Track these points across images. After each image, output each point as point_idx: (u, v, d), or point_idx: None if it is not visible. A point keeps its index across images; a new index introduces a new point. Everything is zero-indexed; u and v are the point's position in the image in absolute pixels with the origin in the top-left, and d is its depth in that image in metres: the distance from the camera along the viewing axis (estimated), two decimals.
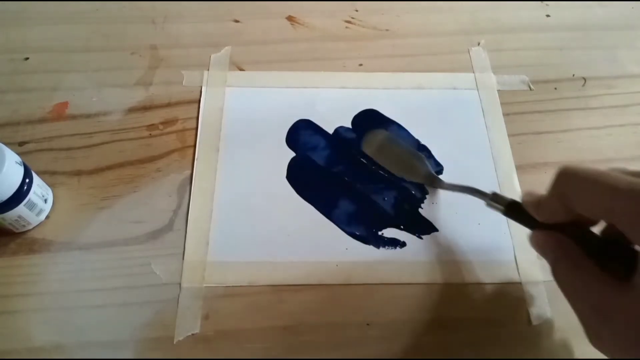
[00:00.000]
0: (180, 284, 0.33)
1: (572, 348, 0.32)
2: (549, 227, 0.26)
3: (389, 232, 0.35)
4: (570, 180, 0.24)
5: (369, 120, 0.41)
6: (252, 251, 0.34)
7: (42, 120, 0.40)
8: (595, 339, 0.23)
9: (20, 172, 0.32)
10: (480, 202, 0.32)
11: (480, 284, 0.34)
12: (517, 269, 0.34)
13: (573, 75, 0.44)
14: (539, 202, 0.26)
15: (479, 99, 0.42)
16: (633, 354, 0.21)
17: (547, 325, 0.32)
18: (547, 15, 0.48)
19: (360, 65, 0.44)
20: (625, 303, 0.22)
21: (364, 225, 0.36)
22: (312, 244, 0.35)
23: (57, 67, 0.43)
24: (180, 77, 0.42)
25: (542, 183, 0.37)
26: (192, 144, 0.39)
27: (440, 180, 0.36)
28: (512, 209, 0.29)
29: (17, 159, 0.32)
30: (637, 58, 0.45)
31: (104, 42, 0.44)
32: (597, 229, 0.26)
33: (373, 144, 0.39)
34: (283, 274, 0.34)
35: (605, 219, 0.24)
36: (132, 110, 0.40)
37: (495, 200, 0.31)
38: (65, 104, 0.41)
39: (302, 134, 0.40)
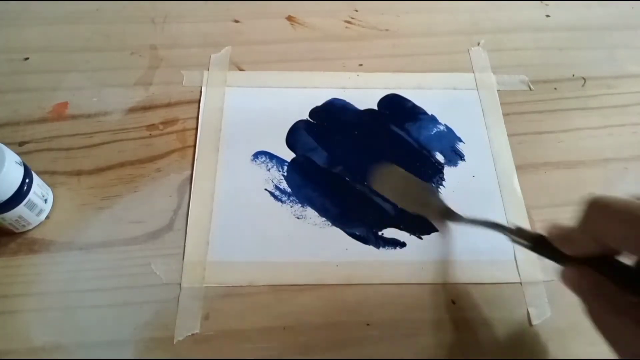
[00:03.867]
0: (180, 284, 0.33)
1: (572, 348, 0.32)
2: (579, 261, 0.25)
3: (389, 232, 0.35)
4: (601, 213, 0.23)
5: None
6: (252, 251, 0.34)
7: (42, 120, 0.40)
8: None
9: (20, 172, 0.32)
10: (479, 203, 0.32)
11: (480, 284, 0.34)
12: (517, 269, 0.34)
13: (573, 75, 0.44)
14: (567, 235, 0.25)
15: (479, 99, 0.42)
16: None
17: (547, 325, 0.32)
18: (547, 16, 0.48)
19: (360, 65, 0.44)
20: None
21: (364, 225, 0.36)
22: (312, 244, 0.35)
23: (57, 67, 0.43)
24: (180, 77, 0.42)
25: (542, 183, 0.38)
26: (192, 144, 0.39)
27: (457, 214, 0.34)
28: (539, 244, 0.27)
29: (17, 159, 0.32)
30: (637, 58, 0.45)
31: (104, 42, 0.44)
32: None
33: (382, 178, 0.37)
34: (283, 274, 0.34)
35: None
36: (132, 110, 0.40)
37: (519, 235, 0.28)
38: (65, 104, 0.41)
39: (302, 134, 0.40)
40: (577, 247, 0.25)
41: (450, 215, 0.34)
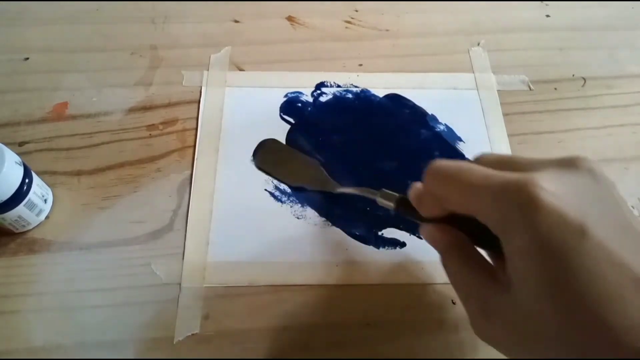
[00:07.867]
0: (180, 284, 0.33)
1: None
2: (437, 218, 0.26)
3: (389, 232, 0.35)
4: (435, 178, 0.24)
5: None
6: (252, 251, 0.34)
7: (42, 120, 0.40)
8: (478, 331, 0.23)
9: (20, 172, 0.32)
10: None
11: None
12: None
13: (573, 75, 0.44)
14: (419, 197, 0.26)
15: (479, 99, 0.42)
16: (511, 352, 0.22)
17: None
18: (547, 15, 0.48)
19: (360, 65, 0.44)
20: (504, 304, 0.21)
21: (364, 225, 0.36)
22: (312, 244, 0.35)
23: (57, 67, 0.43)
24: (180, 77, 0.42)
25: None
26: (192, 144, 0.39)
27: (334, 183, 0.36)
28: (401, 205, 0.29)
29: (17, 159, 0.32)
30: (637, 58, 0.45)
31: (104, 42, 0.44)
32: None
33: (266, 156, 0.38)
34: (283, 274, 0.34)
35: (475, 216, 0.23)
36: (132, 110, 0.40)
37: (384, 197, 0.30)
38: (65, 104, 0.41)
39: (301, 133, 0.40)
40: (427, 208, 0.26)
41: (327, 184, 0.36)
